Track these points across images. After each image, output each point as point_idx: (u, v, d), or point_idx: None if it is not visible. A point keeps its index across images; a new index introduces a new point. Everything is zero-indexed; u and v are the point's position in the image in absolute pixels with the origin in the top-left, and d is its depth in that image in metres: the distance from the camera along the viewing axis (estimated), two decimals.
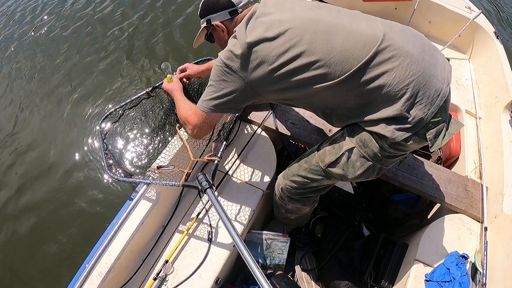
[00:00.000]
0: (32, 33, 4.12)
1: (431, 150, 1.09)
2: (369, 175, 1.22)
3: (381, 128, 1.07)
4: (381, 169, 1.21)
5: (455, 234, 1.49)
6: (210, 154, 1.48)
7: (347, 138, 1.19)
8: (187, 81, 1.64)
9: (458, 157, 1.93)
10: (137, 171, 1.57)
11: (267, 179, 1.64)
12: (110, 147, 1.54)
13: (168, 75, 1.53)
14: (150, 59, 3.66)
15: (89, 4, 4.44)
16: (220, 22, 1.24)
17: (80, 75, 3.56)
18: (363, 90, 1.05)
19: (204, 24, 1.29)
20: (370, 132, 1.12)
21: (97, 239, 1.30)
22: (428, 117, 1.04)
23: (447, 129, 1.11)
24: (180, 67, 1.62)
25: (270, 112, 1.78)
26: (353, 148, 1.17)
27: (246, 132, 1.79)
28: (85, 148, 2.95)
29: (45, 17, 4.34)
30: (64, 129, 3.11)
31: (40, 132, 3.12)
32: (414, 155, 1.71)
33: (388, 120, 1.06)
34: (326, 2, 1.57)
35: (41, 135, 3.09)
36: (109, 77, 3.52)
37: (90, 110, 3.24)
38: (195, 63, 1.70)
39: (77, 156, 2.90)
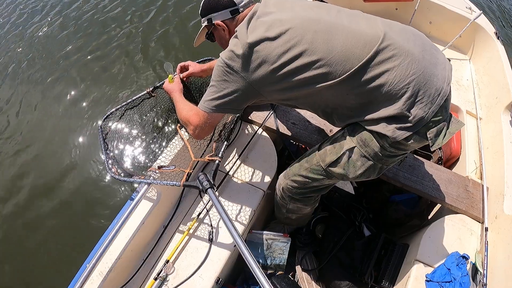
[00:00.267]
0: (40, 33, 4.12)
1: (431, 149, 1.09)
2: (370, 175, 1.22)
3: (381, 127, 1.07)
4: (382, 169, 1.21)
5: (455, 234, 1.49)
6: (211, 154, 1.48)
7: (347, 137, 1.19)
8: (187, 80, 1.63)
9: (459, 157, 1.93)
10: (138, 171, 1.57)
11: (268, 179, 1.64)
12: (111, 147, 1.54)
13: (169, 75, 1.53)
14: (157, 59, 3.67)
15: (98, 4, 4.43)
16: (221, 21, 1.25)
17: (83, 76, 3.57)
18: (363, 89, 1.05)
19: (205, 23, 1.29)
20: (371, 132, 1.12)
21: (98, 238, 1.30)
22: (428, 116, 1.04)
23: (447, 128, 1.11)
24: (181, 64, 1.61)
25: (271, 112, 1.78)
26: (354, 147, 1.17)
27: (247, 132, 1.79)
28: (87, 148, 2.96)
29: (53, 16, 4.33)
30: (68, 128, 3.12)
31: (42, 132, 3.12)
32: (415, 156, 1.72)
33: (389, 119, 1.06)
34: (326, 2, 1.57)
35: (42, 135, 3.10)
36: (112, 77, 3.52)
37: (94, 110, 3.24)
38: (198, 63, 1.70)
39: (78, 156, 2.91)
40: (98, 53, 3.77)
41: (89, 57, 3.74)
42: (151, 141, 1.72)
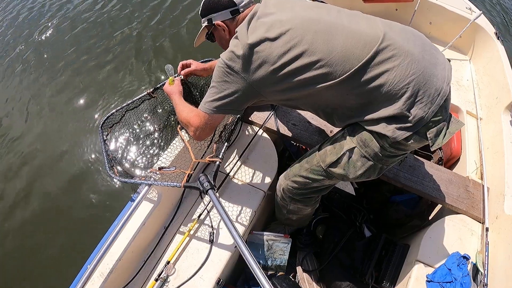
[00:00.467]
0: (48, 34, 4.11)
1: (431, 149, 1.09)
2: (370, 175, 1.22)
3: (381, 128, 1.07)
4: (382, 169, 1.21)
5: (456, 234, 1.49)
6: (212, 155, 1.48)
7: (347, 137, 1.19)
8: (186, 78, 1.63)
9: (459, 158, 1.93)
10: (139, 172, 1.58)
11: (268, 180, 1.64)
12: (111, 148, 1.55)
13: (170, 77, 1.54)
14: (158, 59, 3.66)
15: (96, 4, 4.42)
16: (221, 21, 1.25)
17: (87, 76, 3.57)
18: (363, 89, 1.05)
19: (205, 23, 1.30)
20: (371, 132, 1.12)
21: (99, 240, 1.30)
22: (428, 116, 1.04)
23: (447, 128, 1.11)
24: (183, 62, 1.61)
25: (272, 113, 1.79)
26: (354, 147, 1.17)
27: (247, 133, 1.79)
28: (88, 149, 2.96)
29: (61, 17, 4.31)
30: (69, 130, 3.12)
31: (45, 133, 3.13)
32: (415, 156, 1.71)
33: (389, 119, 1.06)
34: (326, 3, 1.58)
35: (45, 136, 3.10)
36: (116, 78, 3.53)
37: (95, 111, 3.24)
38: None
39: (79, 157, 2.91)
40: (106, 55, 3.77)
41: (97, 59, 3.74)
42: (151, 142, 1.73)
